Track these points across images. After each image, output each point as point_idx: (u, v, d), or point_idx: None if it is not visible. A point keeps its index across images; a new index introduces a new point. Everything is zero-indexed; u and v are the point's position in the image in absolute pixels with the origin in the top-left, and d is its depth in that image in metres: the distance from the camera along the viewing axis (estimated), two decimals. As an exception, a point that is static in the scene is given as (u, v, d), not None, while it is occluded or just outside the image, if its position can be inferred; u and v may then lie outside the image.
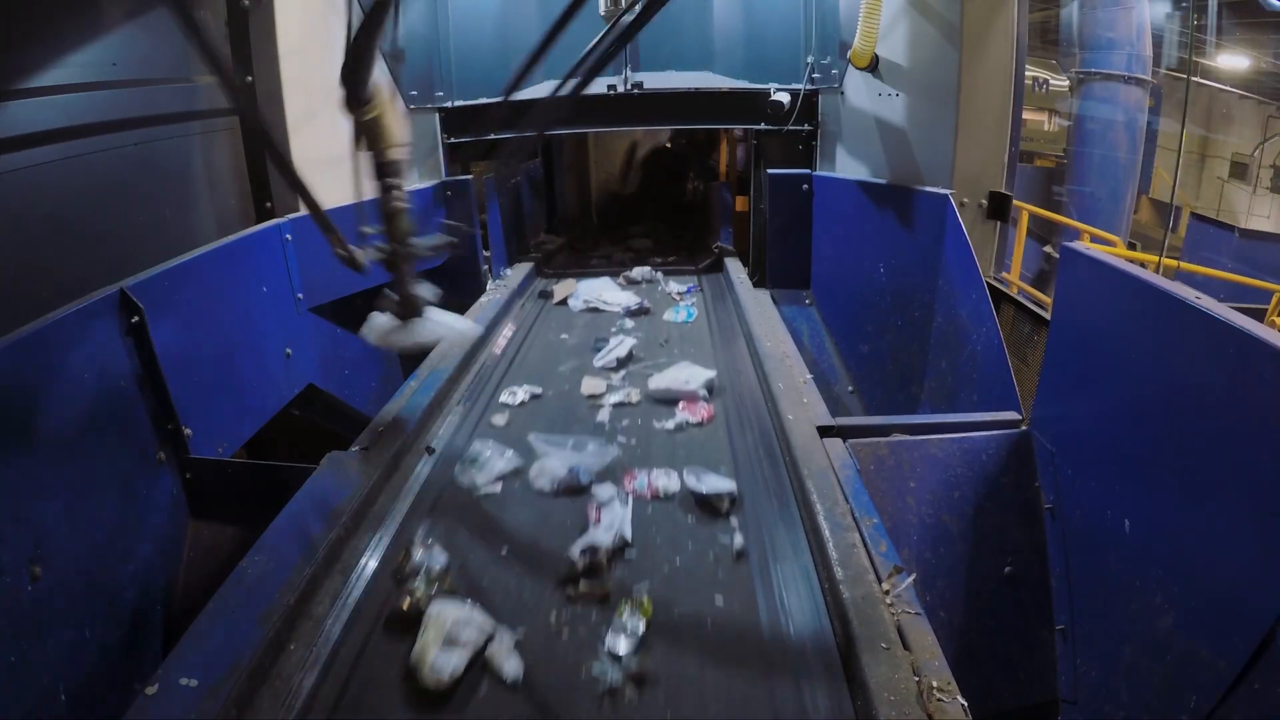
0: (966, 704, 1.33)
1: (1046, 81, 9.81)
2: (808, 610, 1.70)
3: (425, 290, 2.41)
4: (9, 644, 1.52)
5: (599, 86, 3.96)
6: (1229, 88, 10.88)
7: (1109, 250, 3.27)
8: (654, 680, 1.53)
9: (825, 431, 2.32)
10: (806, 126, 4.00)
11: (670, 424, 2.67)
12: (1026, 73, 3.57)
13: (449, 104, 3.99)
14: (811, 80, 3.90)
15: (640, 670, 1.54)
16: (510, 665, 1.55)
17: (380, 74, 2.14)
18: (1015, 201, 3.38)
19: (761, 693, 1.50)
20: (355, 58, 1.98)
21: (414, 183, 3.91)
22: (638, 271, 4.74)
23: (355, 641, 1.64)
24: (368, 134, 2.17)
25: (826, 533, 1.82)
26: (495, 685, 1.54)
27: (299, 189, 2.10)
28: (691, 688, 1.52)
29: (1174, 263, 6.82)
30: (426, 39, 3.93)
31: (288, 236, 2.92)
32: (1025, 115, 3.79)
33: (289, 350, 2.89)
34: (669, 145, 7.01)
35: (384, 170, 2.22)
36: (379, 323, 2.39)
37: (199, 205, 2.74)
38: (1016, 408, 2.43)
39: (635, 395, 2.92)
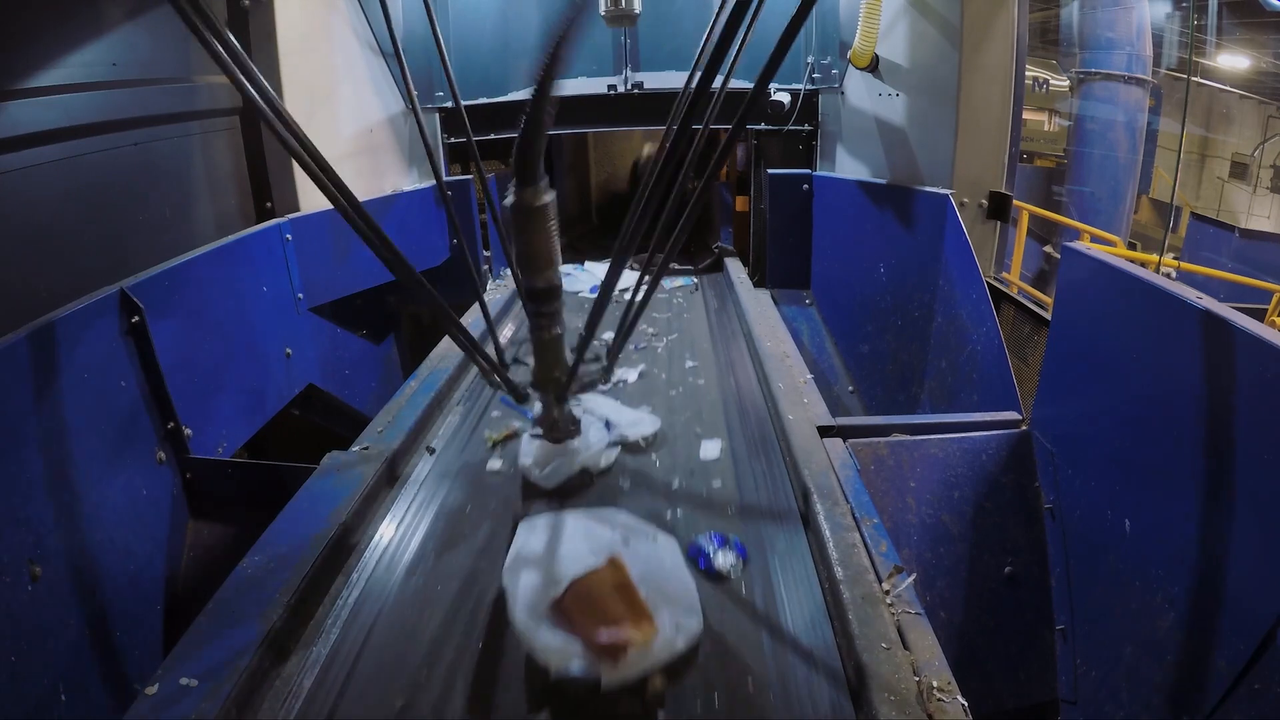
0: (966, 704, 1.33)
1: (1046, 81, 9.81)
2: (808, 610, 1.70)
3: (573, 415, 2.17)
4: (9, 644, 1.52)
5: (599, 86, 3.96)
6: (1229, 88, 10.88)
7: (1109, 250, 3.27)
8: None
9: (825, 431, 2.32)
10: (806, 126, 4.00)
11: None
12: (1026, 73, 3.57)
13: (449, 104, 3.99)
14: (811, 80, 3.90)
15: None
16: None
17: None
18: (1015, 201, 3.38)
19: (762, 693, 1.50)
20: (533, 126, 1.30)
21: (415, 183, 3.92)
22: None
23: (355, 641, 1.64)
24: (526, 237, 1.56)
25: (826, 533, 1.82)
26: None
27: (349, 211, 1.68)
28: (692, 687, 1.52)
29: (1174, 263, 6.82)
30: (426, 39, 3.93)
31: (288, 236, 2.93)
32: (1025, 115, 3.79)
33: (289, 350, 2.89)
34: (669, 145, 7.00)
35: (536, 296, 1.71)
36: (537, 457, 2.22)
37: (199, 205, 2.74)
38: (1016, 408, 2.43)
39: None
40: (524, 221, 1.53)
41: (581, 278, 4.45)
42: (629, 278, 4.08)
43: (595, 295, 3.04)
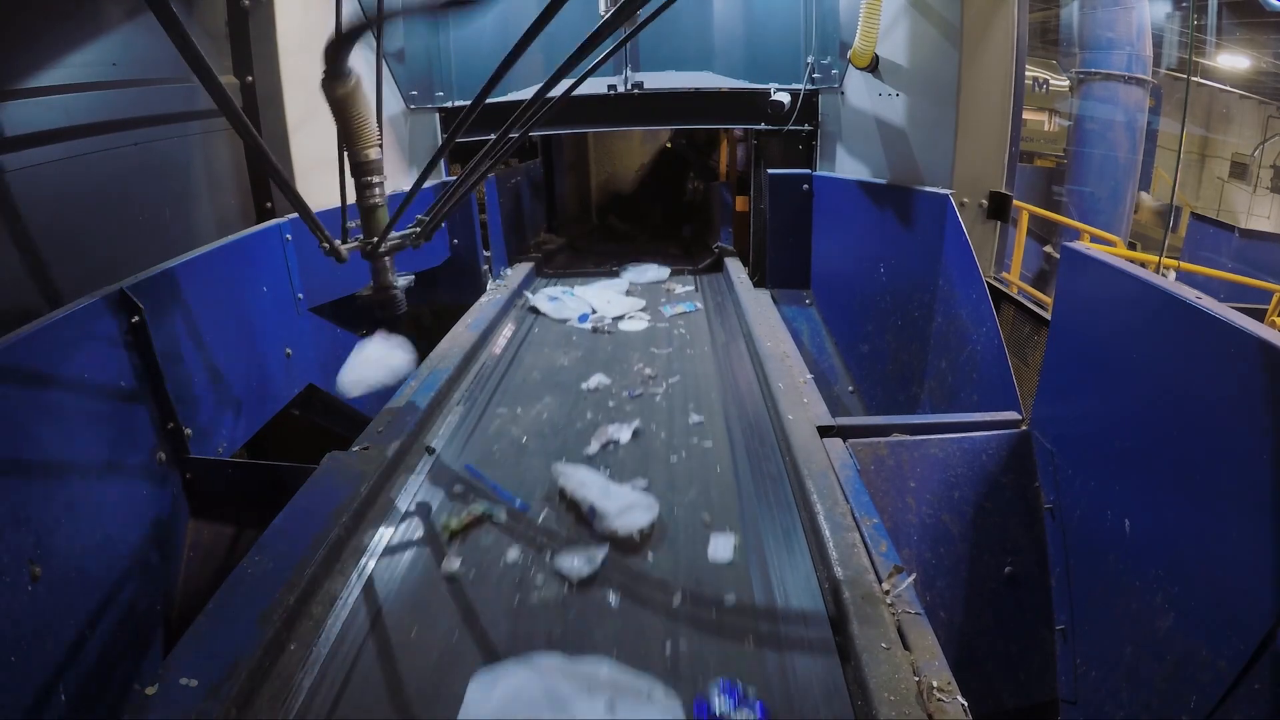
0: (966, 704, 1.33)
1: (1046, 81, 9.80)
2: (808, 610, 1.70)
3: (402, 282, 2.45)
4: (9, 644, 1.52)
5: (599, 86, 3.96)
6: (1229, 88, 10.87)
7: (1109, 250, 3.27)
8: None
9: (825, 431, 2.32)
10: (806, 126, 4.00)
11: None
12: (1026, 73, 3.57)
13: (449, 104, 3.99)
14: (811, 80, 3.90)
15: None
16: None
17: (362, 65, 2.11)
18: (1015, 201, 3.38)
19: (761, 693, 1.50)
20: (343, 32, 1.90)
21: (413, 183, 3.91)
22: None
23: (355, 641, 1.64)
24: (341, 120, 2.17)
25: (826, 533, 1.82)
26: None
27: (281, 183, 2.02)
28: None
29: (1174, 263, 6.82)
30: (426, 39, 3.93)
31: (288, 236, 2.92)
32: (1025, 115, 3.79)
33: (289, 350, 2.89)
34: (669, 145, 7.01)
35: (361, 170, 2.30)
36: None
37: (199, 205, 2.74)
38: (1016, 408, 2.43)
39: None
40: (338, 106, 2.10)
41: (569, 304, 4.06)
42: (630, 303, 4.18)
43: (586, 324, 3.42)
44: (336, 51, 1.97)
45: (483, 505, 2.13)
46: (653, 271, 4.78)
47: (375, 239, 2.30)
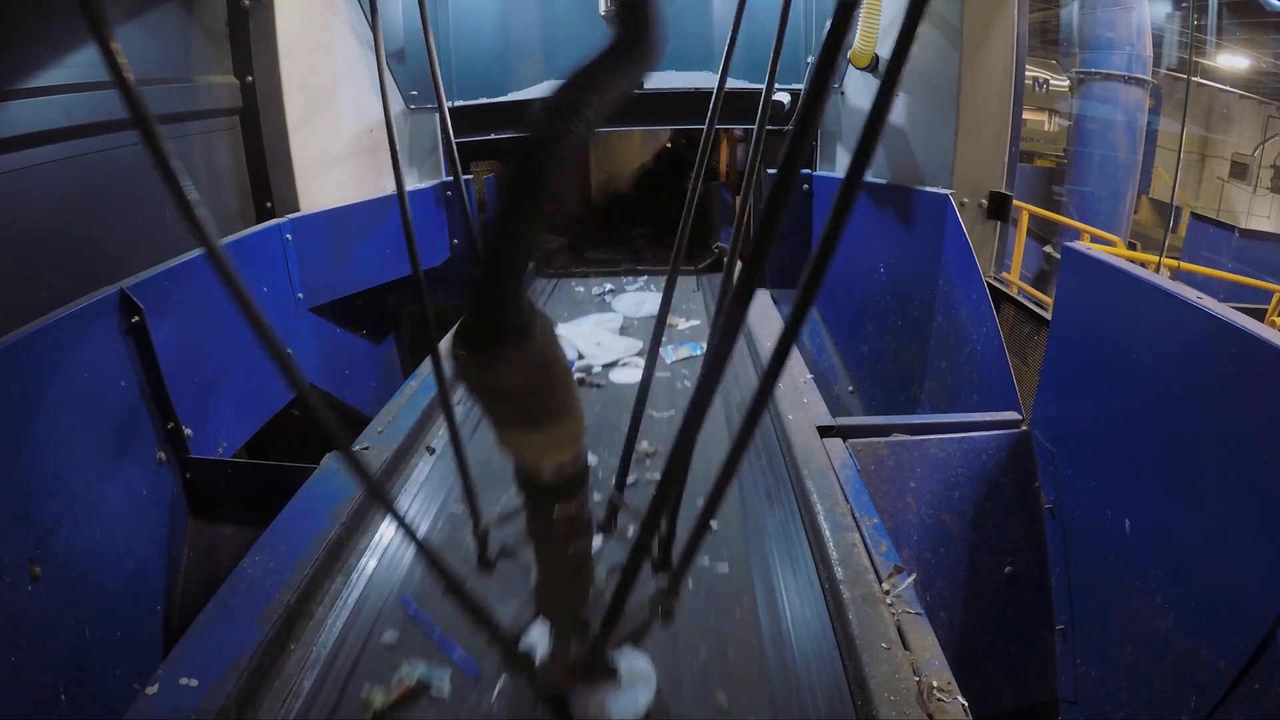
0: (966, 704, 1.33)
1: (1046, 81, 9.81)
2: (808, 610, 1.70)
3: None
4: (9, 644, 1.52)
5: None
6: (1229, 88, 10.87)
7: (1109, 250, 3.27)
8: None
9: (825, 431, 2.32)
10: (806, 126, 3.99)
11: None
12: (1026, 73, 3.57)
13: (449, 104, 3.99)
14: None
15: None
16: None
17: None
18: (1015, 201, 3.38)
19: (762, 692, 1.50)
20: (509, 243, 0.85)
21: (415, 183, 3.92)
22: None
23: (355, 641, 1.64)
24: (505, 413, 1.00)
25: (826, 533, 1.82)
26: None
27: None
28: (692, 687, 1.52)
29: (1174, 263, 6.82)
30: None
31: (288, 236, 2.93)
32: (1025, 115, 3.79)
33: (289, 350, 2.89)
34: (669, 145, 7.01)
35: (550, 493, 1.10)
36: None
37: (199, 205, 2.74)
38: (1016, 408, 2.43)
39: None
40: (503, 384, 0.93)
41: (610, 344, 3.31)
42: (624, 345, 3.29)
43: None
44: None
45: (420, 671, 1.52)
46: (650, 302, 4.05)
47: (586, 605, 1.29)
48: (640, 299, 4.17)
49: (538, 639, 1.38)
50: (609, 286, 4.32)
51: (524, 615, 1.57)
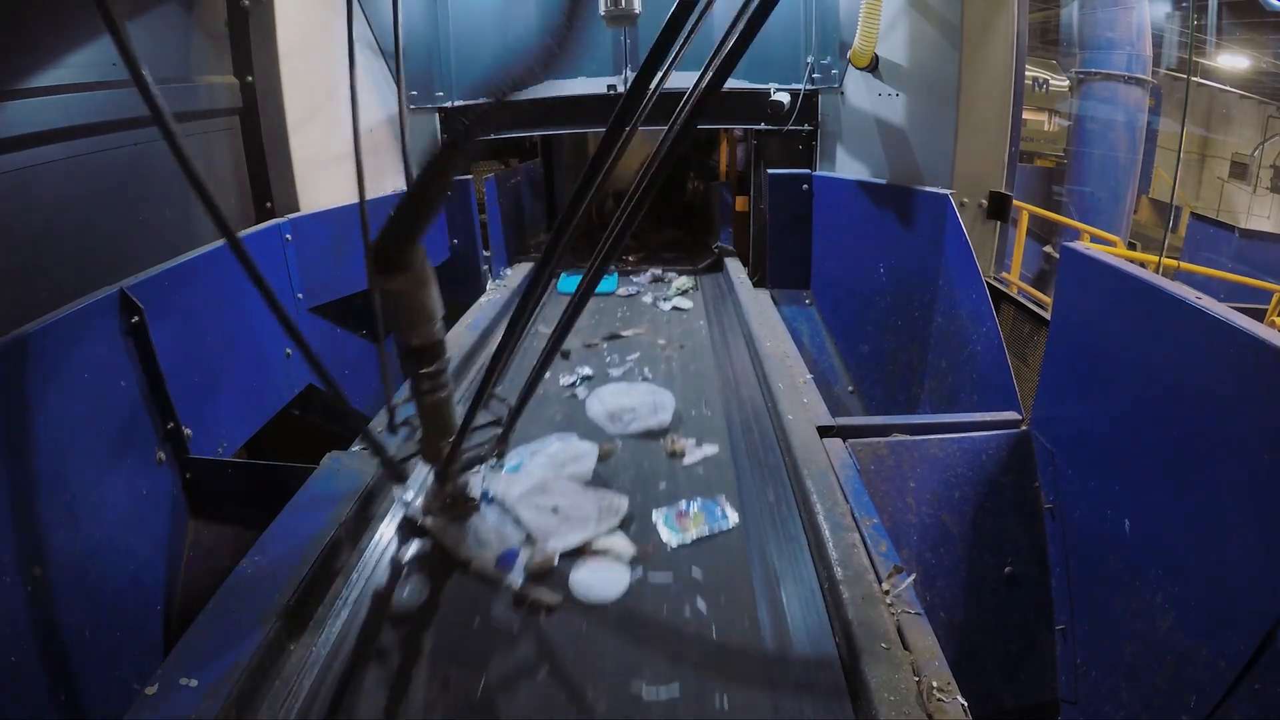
0: (966, 704, 1.33)
1: (1046, 81, 9.81)
2: (808, 610, 1.70)
3: (475, 487, 1.95)
4: (9, 644, 1.52)
5: (599, 86, 3.96)
6: (1229, 88, 10.87)
7: (1109, 250, 3.27)
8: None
9: (825, 431, 2.32)
10: (806, 126, 3.99)
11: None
12: (1026, 73, 3.57)
13: (449, 104, 3.99)
14: (811, 80, 3.90)
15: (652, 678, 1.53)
16: None
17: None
18: (1015, 201, 3.38)
19: (761, 693, 1.50)
20: (418, 206, 1.34)
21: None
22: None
23: (355, 641, 1.64)
24: (395, 306, 1.53)
25: (826, 533, 1.82)
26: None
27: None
28: (692, 690, 1.52)
29: (1174, 263, 6.82)
30: (427, 39, 3.93)
31: (288, 236, 2.93)
32: (1025, 115, 3.79)
33: (289, 350, 2.89)
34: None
35: (416, 356, 1.59)
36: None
37: (199, 205, 2.73)
38: (1016, 408, 2.43)
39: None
40: (391, 298, 1.50)
41: (576, 507, 2.32)
42: (596, 505, 2.05)
43: (513, 574, 1.74)
44: (403, 245, 1.41)
45: None
46: (640, 396, 2.69)
47: (446, 441, 1.73)
48: (625, 392, 2.79)
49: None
50: (583, 373, 3.03)
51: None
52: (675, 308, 4.06)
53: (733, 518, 2.01)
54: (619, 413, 2.57)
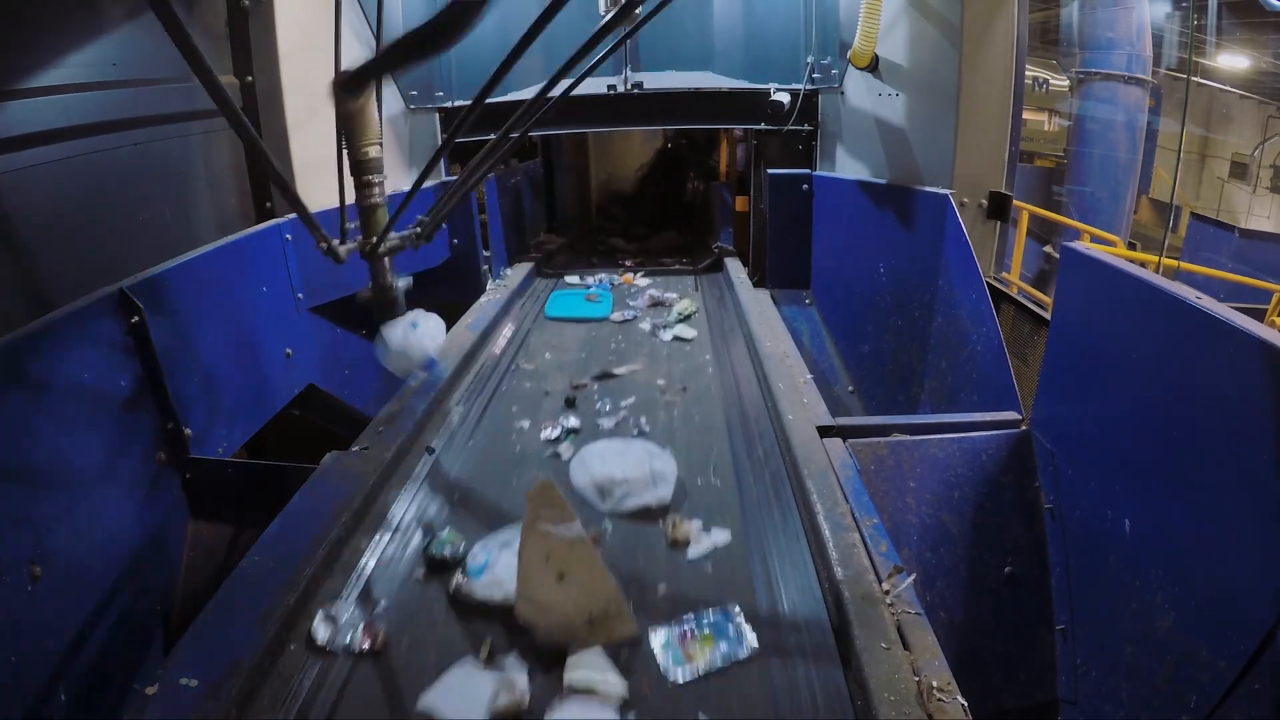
0: (966, 704, 1.33)
1: (1046, 81, 9.81)
2: (808, 610, 1.70)
3: (401, 283, 2.48)
4: (9, 644, 1.52)
5: (599, 86, 3.96)
6: (1229, 88, 10.87)
7: (1109, 250, 3.27)
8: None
9: (825, 431, 2.32)
10: (806, 126, 4.00)
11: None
12: (1026, 73, 3.57)
13: (449, 104, 3.99)
14: (811, 80, 3.90)
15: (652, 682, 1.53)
16: None
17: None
18: (1015, 201, 3.38)
19: (762, 693, 1.50)
20: (402, 52, 1.78)
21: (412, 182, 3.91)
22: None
23: (355, 642, 1.64)
24: (351, 126, 2.24)
25: (826, 533, 1.82)
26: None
27: (279, 183, 2.04)
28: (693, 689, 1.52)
29: (1174, 263, 6.82)
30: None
31: (288, 236, 2.92)
32: (1025, 115, 3.79)
33: (289, 350, 2.89)
34: (669, 145, 7.01)
35: (360, 168, 2.32)
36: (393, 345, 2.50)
37: (199, 205, 2.74)
38: (1016, 408, 2.43)
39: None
40: (348, 118, 2.19)
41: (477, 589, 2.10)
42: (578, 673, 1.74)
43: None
44: (369, 74, 1.97)
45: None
46: (633, 459, 2.22)
47: (374, 239, 2.33)
48: (617, 454, 2.26)
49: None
50: (568, 425, 2.64)
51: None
52: (677, 337, 3.59)
53: (750, 639, 1.60)
54: (609, 486, 2.11)
